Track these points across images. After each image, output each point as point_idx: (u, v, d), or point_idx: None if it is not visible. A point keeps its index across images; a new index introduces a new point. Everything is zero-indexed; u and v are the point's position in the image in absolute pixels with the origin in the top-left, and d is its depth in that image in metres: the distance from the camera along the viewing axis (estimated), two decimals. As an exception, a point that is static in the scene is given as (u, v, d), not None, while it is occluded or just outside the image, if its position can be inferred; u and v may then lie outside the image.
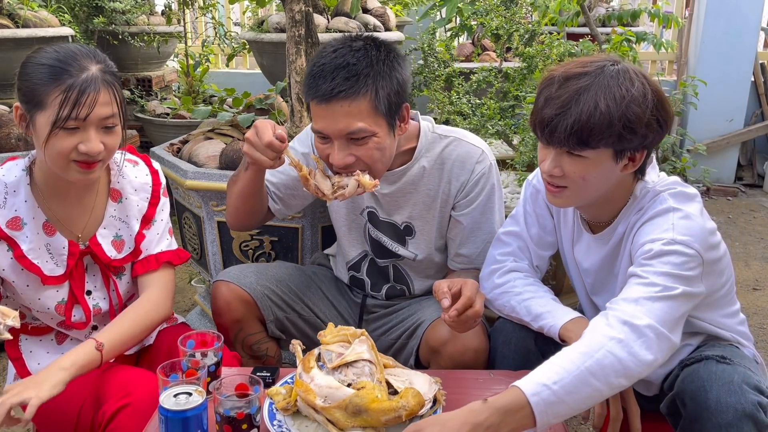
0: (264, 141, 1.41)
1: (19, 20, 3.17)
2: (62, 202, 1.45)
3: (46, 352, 1.52)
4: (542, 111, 1.27)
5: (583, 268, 1.50)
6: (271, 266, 1.81)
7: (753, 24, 4.69)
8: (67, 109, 1.28)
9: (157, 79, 4.91)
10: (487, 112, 2.67)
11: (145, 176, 1.56)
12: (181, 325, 1.71)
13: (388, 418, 1.14)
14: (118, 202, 1.52)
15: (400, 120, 1.51)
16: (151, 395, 1.33)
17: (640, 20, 4.34)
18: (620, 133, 1.22)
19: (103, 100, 1.32)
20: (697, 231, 1.26)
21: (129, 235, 1.53)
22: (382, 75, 1.43)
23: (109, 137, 1.36)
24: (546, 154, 1.31)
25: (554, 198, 1.36)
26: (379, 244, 1.74)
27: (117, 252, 1.51)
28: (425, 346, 1.59)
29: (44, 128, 1.30)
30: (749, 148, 5.14)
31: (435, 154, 1.64)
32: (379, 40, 1.50)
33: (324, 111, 1.43)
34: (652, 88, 1.25)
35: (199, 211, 2.33)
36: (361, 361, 1.23)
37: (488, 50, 4.56)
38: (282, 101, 2.78)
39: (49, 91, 1.29)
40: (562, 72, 1.28)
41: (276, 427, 1.19)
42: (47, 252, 1.44)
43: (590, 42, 2.75)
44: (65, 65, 1.31)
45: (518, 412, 1.10)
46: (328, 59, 1.44)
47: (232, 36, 4.88)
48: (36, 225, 1.43)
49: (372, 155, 1.47)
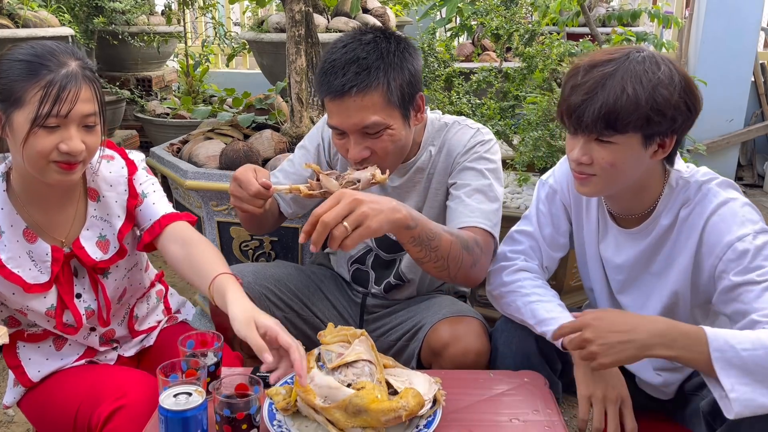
0: (251, 192, 1.40)
1: (19, 20, 3.16)
2: (42, 207, 1.40)
3: (45, 358, 1.49)
4: (569, 98, 1.27)
5: (614, 265, 1.47)
6: (270, 266, 1.80)
7: (753, 24, 4.69)
8: (48, 105, 1.23)
9: (157, 79, 4.91)
10: (487, 112, 2.67)
11: (120, 169, 1.49)
12: (181, 324, 1.71)
13: (388, 419, 1.13)
14: (96, 201, 1.47)
15: (414, 110, 1.51)
16: (146, 396, 1.32)
17: (640, 20, 4.34)
18: (648, 116, 1.22)
19: (84, 97, 1.27)
20: (757, 213, 1.29)
21: (112, 234, 1.48)
22: (393, 66, 1.43)
23: (90, 136, 1.30)
24: (574, 143, 1.31)
25: (582, 187, 1.35)
26: (387, 238, 1.73)
27: (103, 253, 1.46)
28: (427, 349, 1.59)
29: (23, 127, 1.24)
30: (749, 148, 5.14)
31: (440, 141, 1.65)
32: (389, 31, 1.50)
33: (337, 107, 1.43)
34: (679, 72, 1.25)
35: (199, 211, 2.33)
36: (360, 361, 1.23)
37: (488, 50, 4.56)
38: (282, 101, 2.78)
39: (27, 87, 1.23)
40: (588, 61, 1.28)
41: (276, 427, 1.19)
42: (30, 259, 1.38)
43: (590, 42, 2.75)
44: (44, 60, 1.26)
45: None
46: (338, 54, 1.44)
47: (232, 36, 4.88)
48: (15, 233, 1.36)
49: (387, 148, 1.47)
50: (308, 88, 2.43)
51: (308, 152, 1.74)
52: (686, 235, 1.34)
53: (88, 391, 1.37)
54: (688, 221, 1.34)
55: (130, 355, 1.59)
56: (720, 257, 1.27)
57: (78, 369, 1.48)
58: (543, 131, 2.41)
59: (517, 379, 1.39)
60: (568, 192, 1.54)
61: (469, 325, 1.53)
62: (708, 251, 1.30)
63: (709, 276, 1.32)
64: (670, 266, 1.38)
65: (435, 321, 1.58)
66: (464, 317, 1.56)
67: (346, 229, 1.20)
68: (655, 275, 1.41)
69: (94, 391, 1.36)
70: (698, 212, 1.32)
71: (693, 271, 1.35)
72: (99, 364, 1.52)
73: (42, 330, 1.49)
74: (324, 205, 1.22)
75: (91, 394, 1.36)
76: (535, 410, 1.28)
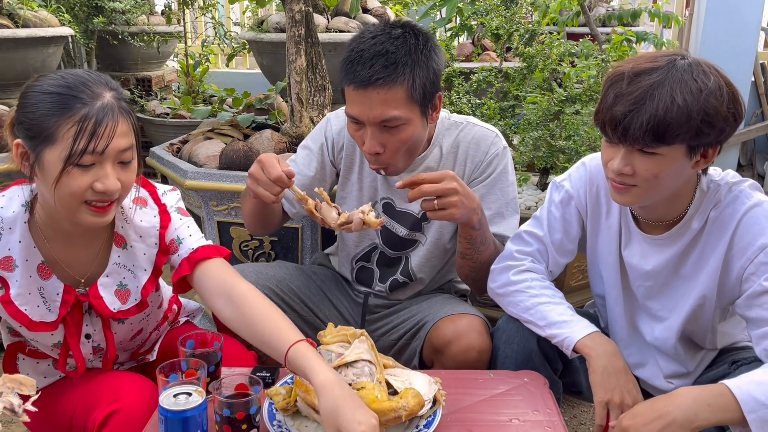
0: (272, 176, 1.36)
1: (19, 20, 3.16)
2: (64, 244, 1.31)
3: (43, 377, 1.44)
4: (613, 108, 1.21)
5: (642, 272, 1.43)
6: (271, 266, 1.80)
7: (753, 24, 4.68)
8: (83, 141, 1.14)
9: (156, 79, 4.91)
10: (487, 112, 2.67)
11: (152, 218, 1.39)
12: (185, 324, 1.70)
13: (388, 419, 1.13)
14: (122, 248, 1.36)
15: (432, 109, 1.52)
16: (141, 400, 1.30)
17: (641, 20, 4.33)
18: (698, 128, 1.17)
19: (121, 131, 1.18)
20: None
21: (135, 286, 1.38)
22: (420, 64, 1.44)
23: (126, 173, 1.22)
24: (614, 153, 1.26)
25: (620, 196, 1.31)
26: (394, 235, 1.73)
27: (121, 303, 1.36)
28: (429, 347, 1.59)
29: (55, 166, 1.15)
30: (749, 148, 5.14)
31: (451, 139, 1.65)
32: (418, 27, 1.50)
33: (360, 97, 1.43)
34: (725, 81, 1.21)
35: (198, 211, 2.33)
36: (360, 361, 1.23)
37: (488, 50, 4.56)
38: (282, 101, 2.77)
39: (60, 122, 1.14)
40: (631, 68, 1.22)
41: (276, 427, 1.19)
42: (39, 296, 1.30)
43: (590, 42, 2.75)
44: (77, 92, 1.16)
45: None
46: (367, 45, 1.44)
47: (232, 36, 4.88)
48: (29, 267, 1.28)
49: (402, 144, 1.48)
50: (308, 88, 2.43)
51: (312, 152, 1.74)
52: (717, 236, 1.32)
53: (83, 395, 1.36)
54: (718, 222, 1.31)
55: (131, 366, 1.57)
56: (751, 259, 1.26)
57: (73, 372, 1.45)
58: (543, 131, 2.41)
59: (517, 379, 1.39)
60: (585, 199, 1.50)
61: (472, 323, 1.54)
62: (739, 252, 1.28)
63: (736, 277, 1.30)
64: (700, 269, 1.35)
65: (437, 318, 1.59)
66: (466, 315, 1.57)
67: (434, 205, 1.37)
68: (685, 278, 1.39)
69: (89, 396, 1.34)
70: (729, 213, 1.30)
71: (722, 273, 1.33)
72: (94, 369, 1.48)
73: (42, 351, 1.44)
74: (431, 175, 1.37)
75: (86, 399, 1.34)
76: (535, 410, 1.28)
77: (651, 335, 1.46)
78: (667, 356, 1.46)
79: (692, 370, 1.46)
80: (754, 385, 1.13)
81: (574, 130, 2.32)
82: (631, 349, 1.51)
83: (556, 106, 2.43)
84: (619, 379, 1.30)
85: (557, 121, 2.41)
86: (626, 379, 1.31)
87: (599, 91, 2.40)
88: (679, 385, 1.45)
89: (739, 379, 1.16)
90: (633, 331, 1.51)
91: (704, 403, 1.13)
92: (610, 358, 1.32)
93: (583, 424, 2.23)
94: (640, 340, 1.50)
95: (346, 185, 1.75)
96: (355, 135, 1.51)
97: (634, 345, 1.51)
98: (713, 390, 1.15)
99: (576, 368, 1.51)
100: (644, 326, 1.48)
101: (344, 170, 1.74)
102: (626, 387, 1.30)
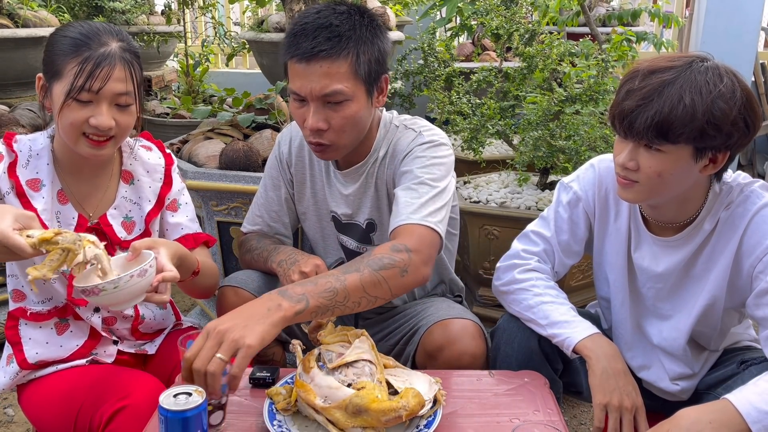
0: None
1: (19, 20, 3.16)
2: (76, 178, 1.49)
3: (45, 341, 1.48)
4: (623, 103, 1.23)
5: (654, 275, 1.43)
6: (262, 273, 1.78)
7: (753, 24, 4.68)
8: (81, 79, 1.31)
9: (156, 78, 4.90)
10: (487, 112, 2.67)
11: (158, 159, 1.60)
12: (188, 329, 1.70)
13: (388, 419, 1.13)
14: (129, 184, 1.55)
15: (378, 91, 1.50)
16: (149, 397, 1.32)
17: (641, 20, 4.33)
18: (703, 129, 1.17)
19: (117, 76, 1.34)
20: None
21: (140, 216, 1.55)
22: (364, 40, 1.42)
23: (122, 115, 1.38)
24: (623, 147, 1.27)
25: (624, 192, 1.32)
26: (349, 249, 1.71)
27: (127, 233, 1.53)
28: (422, 352, 1.57)
29: (59, 98, 1.34)
30: (749, 148, 5.13)
31: (389, 144, 1.60)
32: (364, 8, 1.48)
33: (303, 70, 1.41)
34: (741, 86, 1.20)
35: (198, 211, 2.32)
36: (361, 361, 1.23)
37: (488, 50, 4.56)
38: (282, 101, 2.77)
39: (66, 61, 1.33)
40: (648, 66, 1.24)
41: (276, 427, 1.19)
42: (56, 220, 1.46)
43: (590, 42, 2.75)
44: (87, 39, 1.35)
45: None
46: (310, 19, 1.42)
47: (232, 36, 4.88)
48: (52, 190, 1.45)
49: (346, 122, 1.44)
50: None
51: (274, 180, 1.74)
52: (727, 236, 1.32)
53: (90, 390, 1.37)
54: (729, 222, 1.31)
55: (130, 351, 1.58)
56: (760, 258, 1.26)
57: (80, 368, 1.48)
58: (543, 131, 2.41)
59: (517, 379, 1.39)
60: (593, 201, 1.49)
61: (464, 328, 1.50)
62: (748, 251, 1.29)
63: (746, 277, 1.30)
64: (710, 269, 1.35)
65: (429, 324, 1.55)
66: (458, 319, 1.53)
67: (222, 360, 1.08)
68: (695, 279, 1.38)
69: (97, 391, 1.36)
70: (740, 213, 1.30)
71: (732, 272, 1.33)
72: (101, 365, 1.51)
73: (46, 311, 1.49)
74: (192, 348, 1.10)
75: (94, 394, 1.36)
76: (535, 410, 1.28)
77: (659, 337, 1.46)
78: (673, 358, 1.46)
79: (697, 371, 1.46)
80: (756, 395, 1.13)
81: (574, 130, 2.32)
82: (636, 351, 1.51)
83: (556, 106, 2.43)
84: (618, 381, 1.30)
85: (557, 121, 2.41)
86: (625, 382, 1.31)
87: (599, 90, 2.42)
88: (685, 387, 1.45)
89: (739, 391, 1.15)
90: (638, 334, 1.50)
91: (706, 422, 1.12)
92: (609, 360, 1.32)
93: (583, 424, 2.23)
94: (645, 342, 1.50)
95: (302, 200, 1.75)
96: (297, 113, 1.47)
97: (639, 347, 1.51)
98: (714, 407, 1.15)
99: (576, 368, 1.51)
100: (651, 328, 1.47)
101: (297, 186, 1.73)
102: (625, 389, 1.30)
